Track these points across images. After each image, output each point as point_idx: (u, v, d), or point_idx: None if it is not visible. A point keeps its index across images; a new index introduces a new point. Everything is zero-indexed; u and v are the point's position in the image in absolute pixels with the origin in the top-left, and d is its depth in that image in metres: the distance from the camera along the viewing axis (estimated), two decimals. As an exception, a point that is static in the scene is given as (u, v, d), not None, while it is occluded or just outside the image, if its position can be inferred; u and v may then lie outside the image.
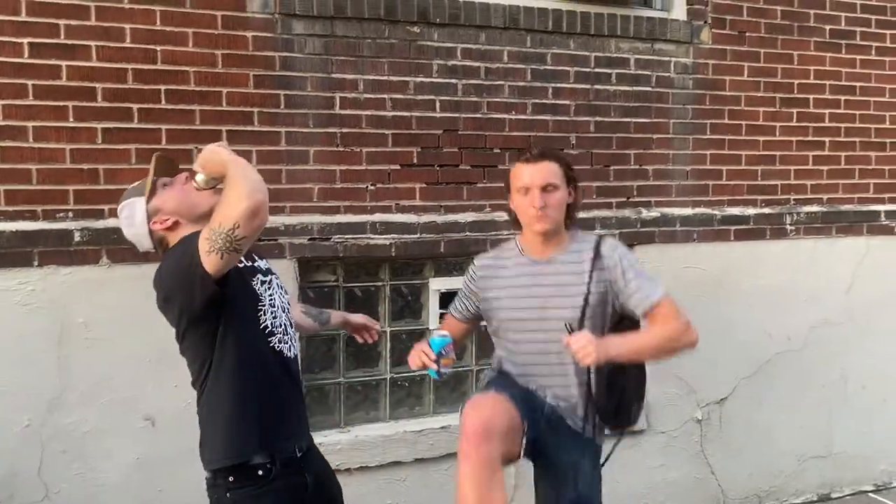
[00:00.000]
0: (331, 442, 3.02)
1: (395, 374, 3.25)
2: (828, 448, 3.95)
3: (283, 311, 2.00)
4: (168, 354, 2.54)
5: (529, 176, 2.19)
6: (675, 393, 3.55)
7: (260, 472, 1.84)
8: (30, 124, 2.62)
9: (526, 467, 2.35)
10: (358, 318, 2.50)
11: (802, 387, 3.85)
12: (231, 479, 1.83)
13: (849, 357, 3.92)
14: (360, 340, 2.52)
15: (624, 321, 2.28)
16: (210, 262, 1.71)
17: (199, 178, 1.89)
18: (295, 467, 1.92)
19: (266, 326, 1.90)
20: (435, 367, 2.21)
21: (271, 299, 1.95)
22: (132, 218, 1.95)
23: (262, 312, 1.90)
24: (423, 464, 3.17)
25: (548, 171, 2.20)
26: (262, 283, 1.97)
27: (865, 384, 3.97)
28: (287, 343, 1.97)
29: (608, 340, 2.11)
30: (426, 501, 3.19)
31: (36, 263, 2.63)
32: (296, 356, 2.02)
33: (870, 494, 4.01)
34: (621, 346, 2.11)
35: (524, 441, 2.08)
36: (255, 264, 2.01)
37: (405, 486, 3.16)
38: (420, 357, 2.22)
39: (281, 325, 1.96)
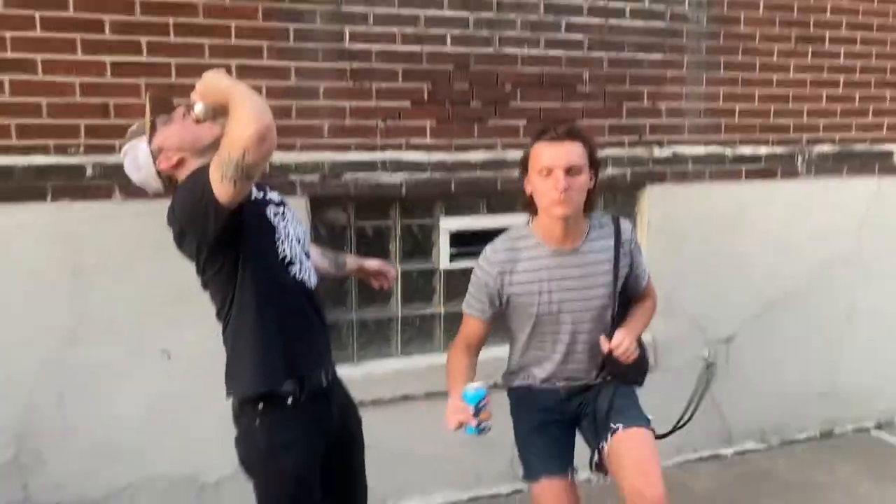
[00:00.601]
0: (344, 376, 3.04)
1: (406, 312, 3.28)
2: (832, 386, 4.01)
3: (299, 242, 2.00)
4: (182, 289, 2.57)
5: (553, 157, 2.04)
6: (683, 331, 3.58)
7: (289, 401, 1.86)
8: (38, 57, 2.59)
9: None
10: (373, 263, 2.49)
11: (809, 325, 3.89)
12: (260, 406, 1.86)
13: (856, 296, 3.94)
14: (375, 286, 2.51)
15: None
16: (222, 190, 1.69)
17: (199, 108, 1.82)
18: (322, 396, 1.95)
19: (284, 256, 1.91)
20: (474, 423, 2.02)
21: (286, 230, 1.95)
22: (136, 161, 1.93)
23: (279, 242, 1.90)
24: (433, 397, 3.22)
25: (573, 152, 2.05)
26: (276, 214, 1.97)
27: (871, 323, 4.00)
28: (306, 273, 1.98)
29: (630, 328, 2.18)
30: (438, 431, 3.24)
31: (49, 198, 2.64)
32: (316, 286, 2.03)
33: (872, 431, 4.09)
34: (636, 330, 2.22)
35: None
36: (267, 196, 2.01)
37: (417, 418, 3.22)
38: (457, 416, 2.03)
39: (297, 257, 1.97)
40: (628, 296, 2.30)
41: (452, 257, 3.23)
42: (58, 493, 2.77)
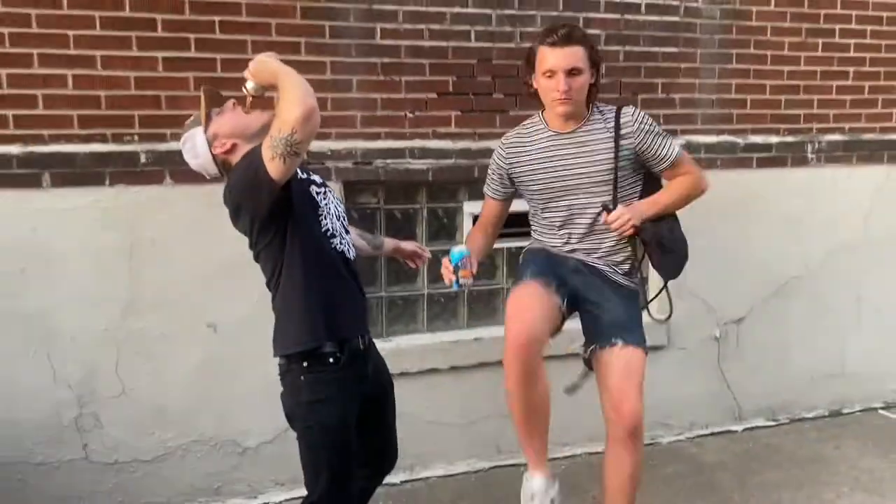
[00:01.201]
0: (374, 350, 3.29)
1: (432, 290, 3.50)
2: (840, 367, 4.16)
3: (339, 219, 2.22)
4: (229, 266, 2.83)
5: (555, 60, 2.26)
6: (695, 311, 3.76)
7: (331, 360, 2.07)
8: (97, 53, 2.83)
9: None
10: (409, 245, 2.71)
11: (817, 309, 4.04)
12: (305, 364, 2.07)
13: (864, 282, 4.09)
14: (411, 266, 2.75)
15: (649, 183, 2.48)
16: (274, 167, 1.91)
17: (250, 84, 2.06)
18: (360, 357, 2.17)
19: (327, 230, 2.13)
20: (453, 277, 2.29)
21: (327, 207, 2.17)
22: (195, 149, 2.15)
23: (322, 217, 2.12)
24: (457, 371, 3.45)
25: (573, 55, 2.26)
26: (318, 193, 2.18)
27: (878, 308, 4.15)
28: (346, 245, 2.19)
29: (639, 205, 2.35)
30: (461, 404, 3.48)
31: (107, 183, 2.89)
32: (355, 258, 2.24)
33: (880, 411, 4.23)
34: (653, 206, 2.38)
35: (563, 307, 2.38)
36: (311, 177, 2.23)
37: (442, 390, 3.44)
38: (445, 273, 2.32)
39: (338, 231, 2.18)
40: (664, 176, 2.47)
41: (477, 239, 3.43)
42: (114, 453, 3.03)
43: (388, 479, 3.35)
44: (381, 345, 3.31)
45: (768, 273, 3.91)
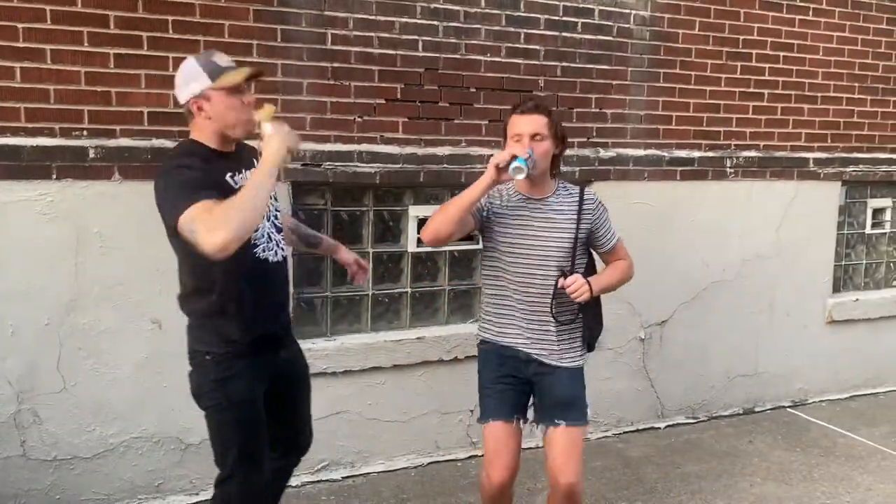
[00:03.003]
0: (318, 348, 3.37)
1: (377, 290, 3.60)
2: (754, 368, 4.47)
3: (268, 220, 2.23)
4: (171, 262, 2.84)
5: (521, 125, 2.49)
6: (622, 314, 3.98)
7: (239, 344, 2.17)
8: (48, 47, 2.82)
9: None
10: (349, 255, 2.74)
11: (734, 313, 4.34)
12: (214, 347, 2.18)
13: (776, 288, 4.42)
14: (349, 277, 2.77)
15: (589, 261, 2.69)
16: (175, 217, 1.94)
17: (261, 116, 2.08)
18: (269, 341, 2.24)
19: (249, 239, 2.07)
20: (527, 154, 2.36)
21: None
22: (185, 84, 2.10)
23: None
24: (399, 369, 3.55)
25: (537, 122, 2.49)
26: None
27: (789, 312, 4.48)
28: (272, 249, 2.23)
29: (593, 280, 2.53)
30: (402, 401, 3.59)
31: (54, 177, 2.87)
32: (283, 258, 2.29)
33: (788, 409, 4.56)
34: (600, 283, 2.57)
35: (523, 422, 2.65)
36: (243, 175, 2.17)
37: (384, 388, 3.54)
38: (511, 151, 2.36)
39: (264, 235, 2.20)
40: (602, 256, 2.69)
41: (419, 242, 3.54)
42: (53, 450, 3.00)
43: (330, 475, 3.47)
44: (325, 344, 3.43)
45: (689, 278, 4.18)
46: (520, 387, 2.63)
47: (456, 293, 3.76)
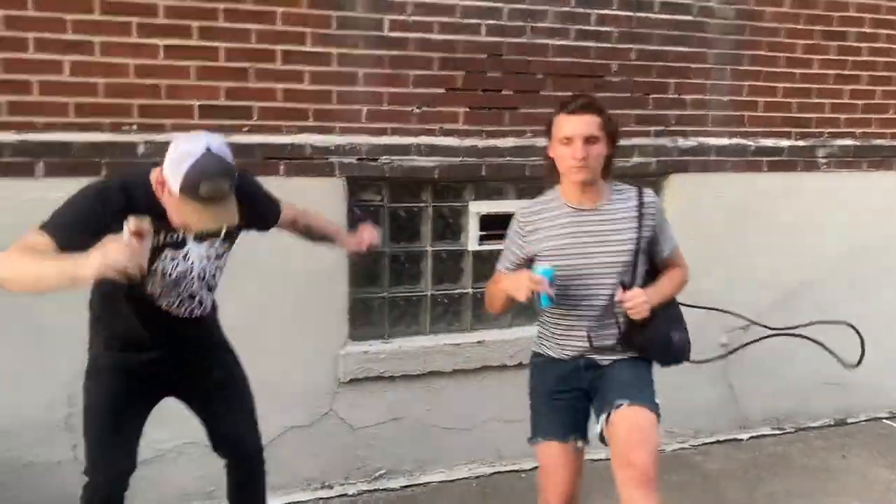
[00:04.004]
0: (374, 351, 3.21)
1: (436, 291, 3.41)
2: (846, 376, 4.09)
3: (200, 279, 2.18)
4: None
5: (572, 127, 2.22)
6: (702, 318, 3.68)
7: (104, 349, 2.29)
8: (96, 39, 2.73)
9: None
10: (350, 239, 2.55)
11: (824, 316, 3.96)
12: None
13: (873, 290, 4.03)
14: (352, 248, 2.57)
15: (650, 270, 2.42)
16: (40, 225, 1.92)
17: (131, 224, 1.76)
18: (140, 350, 2.24)
19: (151, 293, 2.12)
20: (552, 291, 2.18)
21: (172, 273, 2.11)
22: (170, 159, 1.92)
23: (151, 283, 2.10)
24: (459, 374, 3.37)
25: (590, 123, 2.23)
26: (172, 259, 2.09)
27: (886, 317, 4.09)
28: (185, 307, 2.20)
29: (650, 292, 2.28)
30: (463, 407, 3.40)
31: (104, 173, 2.78)
32: (200, 317, 2.26)
33: (884, 420, 4.18)
34: (657, 295, 2.32)
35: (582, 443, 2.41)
36: (171, 241, 2.07)
37: (443, 393, 3.36)
38: (529, 286, 2.16)
39: (179, 296, 2.17)
40: (656, 264, 2.42)
41: (481, 239, 3.35)
42: (105, 453, 2.92)
43: (387, 483, 3.32)
44: (382, 346, 3.27)
45: (776, 279, 3.84)
46: (576, 402, 2.38)
47: (521, 294, 3.54)
